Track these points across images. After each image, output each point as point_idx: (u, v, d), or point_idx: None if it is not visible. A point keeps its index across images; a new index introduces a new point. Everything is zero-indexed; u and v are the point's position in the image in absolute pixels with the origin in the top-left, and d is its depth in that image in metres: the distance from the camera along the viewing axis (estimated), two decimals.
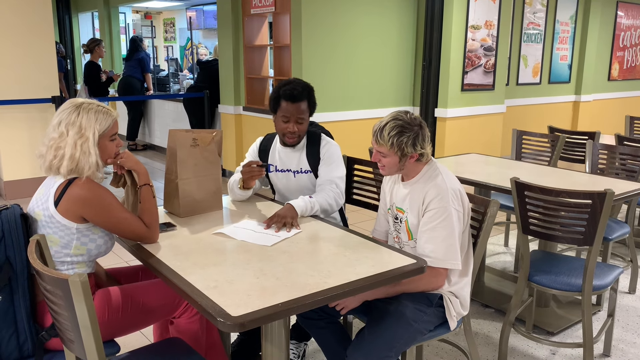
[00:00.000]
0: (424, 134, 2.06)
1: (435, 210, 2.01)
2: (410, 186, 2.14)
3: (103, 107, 1.90)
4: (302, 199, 2.31)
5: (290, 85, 2.43)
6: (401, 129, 2.01)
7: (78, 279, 1.40)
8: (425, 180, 2.10)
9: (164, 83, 9.20)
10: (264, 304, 1.52)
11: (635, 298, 3.40)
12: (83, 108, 1.86)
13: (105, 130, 1.89)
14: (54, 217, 1.81)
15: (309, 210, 2.31)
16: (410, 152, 2.03)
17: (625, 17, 8.67)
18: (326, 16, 5.33)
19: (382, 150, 2.07)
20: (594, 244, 2.41)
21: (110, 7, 9.83)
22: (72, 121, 1.84)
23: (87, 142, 1.83)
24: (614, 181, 3.02)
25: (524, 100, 7.44)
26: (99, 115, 1.87)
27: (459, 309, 2.11)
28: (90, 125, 1.84)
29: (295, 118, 2.43)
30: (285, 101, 2.42)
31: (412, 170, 2.13)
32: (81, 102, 1.89)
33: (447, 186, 2.04)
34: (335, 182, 2.45)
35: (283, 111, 2.43)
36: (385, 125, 2.04)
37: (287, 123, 2.44)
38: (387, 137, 2.02)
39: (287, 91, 2.42)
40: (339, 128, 5.47)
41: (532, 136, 4.25)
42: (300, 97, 2.42)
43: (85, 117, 1.84)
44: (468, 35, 5.91)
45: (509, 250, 4.22)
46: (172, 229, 2.15)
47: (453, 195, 2.03)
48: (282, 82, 2.49)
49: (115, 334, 1.92)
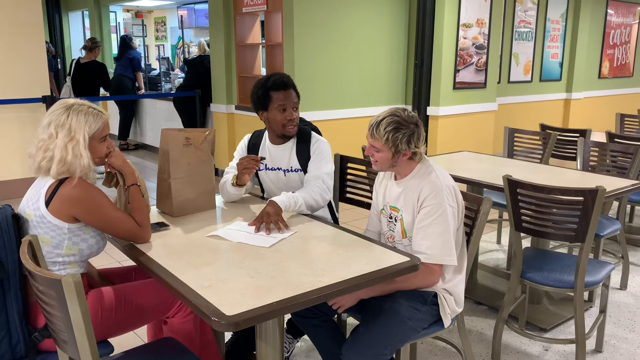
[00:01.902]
0: (419, 133, 2.06)
1: (430, 207, 2.02)
2: (403, 184, 2.14)
3: (94, 109, 1.88)
4: (284, 195, 2.29)
5: (276, 76, 2.43)
6: (397, 125, 2.02)
7: (71, 279, 1.39)
8: (419, 177, 2.10)
9: (156, 82, 9.16)
10: (258, 303, 1.51)
11: (626, 294, 3.43)
12: (73, 109, 1.84)
13: (96, 133, 1.87)
14: (45, 217, 1.79)
15: (292, 205, 2.28)
16: (404, 149, 2.04)
17: (615, 15, 8.72)
18: (318, 14, 5.32)
19: (376, 144, 2.07)
20: (585, 241, 2.43)
21: (101, 5, 9.77)
22: (62, 123, 1.82)
23: (78, 145, 1.81)
24: (605, 178, 3.04)
25: (515, 98, 7.47)
26: (89, 117, 1.85)
27: (454, 307, 2.12)
28: (80, 127, 1.83)
29: (291, 104, 2.42)
30: (276, 91, 2.40)
31: (405, 169, 2.13)
32: (72, 103, 1.87)
33: (441, 183, 2.04)
34: (322, 177, 2.43)
35: (277, 101, 2.41)
36: (382, 120, 2.04)
37: (285, 112, 2.42)
38: (383, 132, 2.02)
39: (276, 81, 2.41)
40: (331, 126, 5.47)
41: (523, 134, 4.27)
42: (290, 84, 2.44)
43: (75, 119, 1.83)
44: (460, 34, 5.93)
45: (501, 247, 4.24)
46: (165, 229, 2.15)
47: (447, 192, 2.03)
48: (261, 79, 2.47)
49: (108, 335, 1.91)
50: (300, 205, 2.31)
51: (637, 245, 4.24)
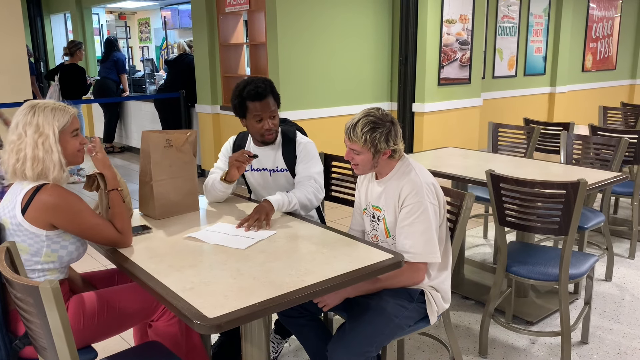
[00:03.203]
0: (396, 130, 2.06)
1: (411, 206, 2.02)
2: (384, 183, 2.14)
3: (59, 105, 1.88)
4: (279, 194, 2.29)
5: (251, 85, 2.38)
6: (374, 125, 2.01)
7: (49, 285, 1.37)
8: (399, 176, 2.10)
9: (140, 84, 9.10)
10: (241, 305, 1.50)
11: (611, 285, 3.46)
12: (38, 107, 1.84)
13: (65, 126, 1.86)
14: (22, 225, 1.77)
15: (286, 205, 2.28)
16: (384, 148, 2.04)
17: (597, 9, 8.80)
18: (301, 13, 5.31)
19: (355, 147, 2.06)
20: (569, 234, 2.44)
21: (83, 7, 9.67)
22: (29, 121, 1.81)
23: (48, 139, 1.81)
24: (589, 171, 3.06)
25: (500, 93, 7.52)
26: (56, 112, 1.84)
27: (441, 303, 2.12)
28: (48, 122, 1.82)
29: (267, 115, 2.40)
30: (252, 101, 2.37)
31: (386, 168, 2.13)
32: (36, 102, 1.87)
33: (420, 180, 2.05)
34: (314, 177, 2.44)
35: (253, 112, 2.38)
36: (357, 122, 2.03)
37: (261, 122, 2.40)
38: (360, 133, 2.01)
39: (250, 91, 2.36)
40: (316, 125, 5.47)
41: (507, 128, 4.29)
42: (265, 93, 2.38)
43: (42, 116, 1.82)
44: (443, 30, 5.94)
45: (488, 242, 4.26)
46: (148, 232, 2.13)
47: (427, 190, 2.04)
48: (239, 84, 2.43)
49: (92, 340, 1.89)
50: (294, 205, 2.31)
51: (622, 236, 4.28)
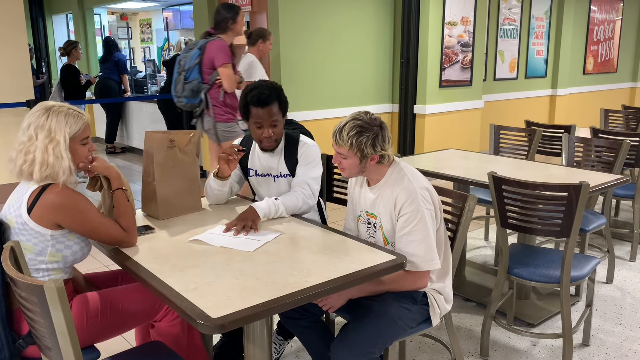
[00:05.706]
0: (384, 135, 2.02)
1: (408, 214, 2.00)
2: (377, 190, 2.11)
3: (74, 110, 1.86)
4: (265, 201, 2.28)
5: (257, 90, 2.34)
6: (360, 129, 1.99)
7: (53, 285, 1.37)
8: (392, 183, 2.07)
9: (142, 84, 9.12)
10: (244, 305, 1.51)
11: (612, 288, 3.46)
12: (53, 111, 1.82)
13: (76, 134, 1.85)
14: (27, 224, 1.77)
15: (272, 212, 2.27)
16: (370, 152, 2.00)
17: (599, 12, 8.81)
18: (303, 15, 5.32)
19: (341, 151, 2.04)
20: (570, 236, 2.45)
21: (85, 8, 9.69)
22: (41, 124, 1.80)
23: (59, 146, 1.79)
24: (590, 173, 3.07)
25: (501, 95, 7.52)
26: (69, 119, 1.83)
27: (444, 305, 2.13)
28: (60, 128, 1.80)
29: (268, 122, 2.36)
30: (255, 107, 2.34)
31: (376, 174, 2.10)
32: (51, 105, 1.85)
33: (414, 187, 2.02)
34: (308, 183, 2.41)
35: (254, 117, 2.35)
36: (344, 126, 2.02)
37: (261, 129, 2.37)
38: (347, 137, 1.99)
39: (254, 97, 2.33)
40: (318, 126, 5.47)
41: (509, 131, 4.29)
42: (269, 100, 2.33)
43: (55, 120, 1.80)
44: (445, 32, 5.95)
45: (489, 244, 4.27)
46: (151, 232, 2.13)
47: (422, 196, 2.01)
48: (247, 87, 2.41)
49: (94, 340, 1.90)
50: (281, 212, 2.31)
51: (623, 239, 4.28)
